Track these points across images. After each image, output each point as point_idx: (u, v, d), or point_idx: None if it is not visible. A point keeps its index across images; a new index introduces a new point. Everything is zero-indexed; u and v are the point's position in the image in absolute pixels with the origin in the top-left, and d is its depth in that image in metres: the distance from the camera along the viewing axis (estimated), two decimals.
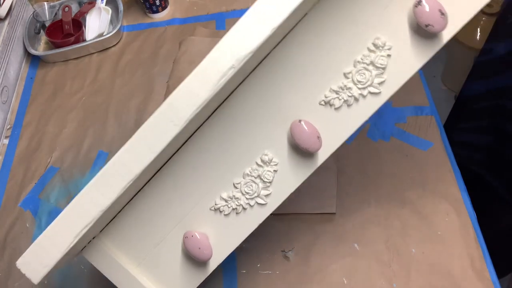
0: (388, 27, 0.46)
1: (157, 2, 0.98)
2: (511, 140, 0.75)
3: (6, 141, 0.86)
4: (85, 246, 0.53)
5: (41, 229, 0.72)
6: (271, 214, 0.67)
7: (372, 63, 0.46)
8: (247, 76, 0.49)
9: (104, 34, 0.95)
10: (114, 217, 0.55)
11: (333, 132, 0.48)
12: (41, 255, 0.45)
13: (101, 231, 0.55)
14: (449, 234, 0.62)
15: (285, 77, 0.48)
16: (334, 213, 0.66)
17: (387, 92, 0.47)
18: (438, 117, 0.73)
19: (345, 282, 0.60)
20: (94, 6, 0.99)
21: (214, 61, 0.41)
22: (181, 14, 1.01)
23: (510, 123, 0.74)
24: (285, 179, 0.51)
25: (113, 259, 0.53)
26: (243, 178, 0.51)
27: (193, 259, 0.53)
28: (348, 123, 0.48)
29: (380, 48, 0.46)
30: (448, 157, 0.69)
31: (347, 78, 0.47)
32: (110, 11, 0.98)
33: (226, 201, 0.52)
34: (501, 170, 0.81)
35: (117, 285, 0.54)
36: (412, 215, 0.64)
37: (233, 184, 0.52)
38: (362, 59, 0.46)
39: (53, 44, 0.96)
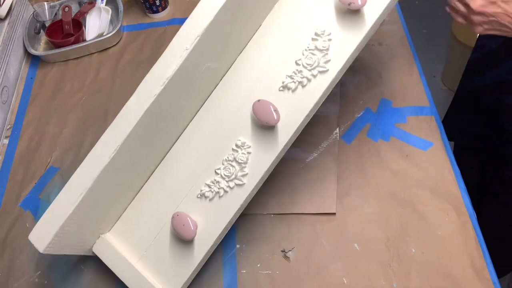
0: (324, 18, 0.57)
1: (157, 2, 0.98)
2: (508, 135, 0.75)
3: (6, 141, 0.86)
4: (94, 243, 0.61)
5: None
6: (271, 214, 0.67)
7: (316, 48, 0.56)
8: (221, 79, 0.61)
9: (104, 34, 0.96)
10: (119, 217, 0.62)
11: (293, 111, 0.56)
12: (46, 226, 0.53)
13: (109, 231, 0.62)
14: (449, 234, 0.62)
15: (250, 75, 0.60)
16: (334, 213, 0.66)
17: (334, 68, 0.56)
18: (438, 117, 0.74)
19: (345, 282, 0.60)
20: (94, 6, 0.99)
21: (172, 47, 0.52)
22: (181, 14, 1.01)
23: (508, 118, 0.74)
24: (258, 159, 0.58)
25: (118, 255, 0.60)
26: (222, 164, 0.59)
27: (186, 247, 0.59)
28: (305, 100, 0.57)
29: (322, 35, 0.56)
30: (448, 157, 0.69)
31: (298, 64, 0.57)
32: (110, 11, 0.98)
33: (209, 186, 0.59)
34: (497, 167, 0.81)
35: (121, 278, 0.59)
36: (412, 215, 0.64)
37: (215, 171, 0.59)
38: (308, 47, 0.57)
39: (53, 44, 0.96)
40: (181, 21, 0.99)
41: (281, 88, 0.58)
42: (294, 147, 0.64)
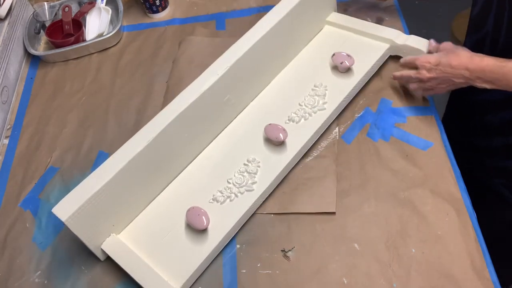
0: (322, 75, 0.78)
1: (157, 2, 0.98)
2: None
3: (6, 141, 0.86)
4: (104, 242, 0.65)
5: (41, 229, 0.72)
6: (271, 214, 0.67)
7: (316, 94, 0.75)
8: (239, 113, 0.76)
9: (104, 34, 0.96)
10: (131, 222, 0.68)
11: (297, 137, 0.70)
12: (71, 201, 0.59)
13: (119, 233, 0.67)
14: (449, 234, 0.62)
15: (262, 111, 0.76)
16: (334, 213, 0.66)
17: (329, 107, 0.73)
18: (438, 117, 0.74)
19: (345, 282, 0.60)
20: (94, 6, 0.99)
21: (205, 78, 0.68)
22: (181, 14, 1.01)
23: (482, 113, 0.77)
24: (267, 170, 0.68)
25: (127, 250, 0.63)
26: (234, 175, 0.68)
27: (194, 244, 0.63)
28: (307, 129, 0.71)
29: (319, 86, 0.76)
30: (448, 157, 0.69)
31: (301, 105, 0.74)
32: (110, 11, 0.98)
33: (221, 192, 0.67)
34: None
35: (130, 274, 0.60)
36: (412, 215, 0.64)
37: (227, 180, 0.68)
38: (309, 94, 0.75)
39: (53, 44, 0.96)
40: (181, 21, 0.99)
41: (287, 121, 0.73)
42: None
